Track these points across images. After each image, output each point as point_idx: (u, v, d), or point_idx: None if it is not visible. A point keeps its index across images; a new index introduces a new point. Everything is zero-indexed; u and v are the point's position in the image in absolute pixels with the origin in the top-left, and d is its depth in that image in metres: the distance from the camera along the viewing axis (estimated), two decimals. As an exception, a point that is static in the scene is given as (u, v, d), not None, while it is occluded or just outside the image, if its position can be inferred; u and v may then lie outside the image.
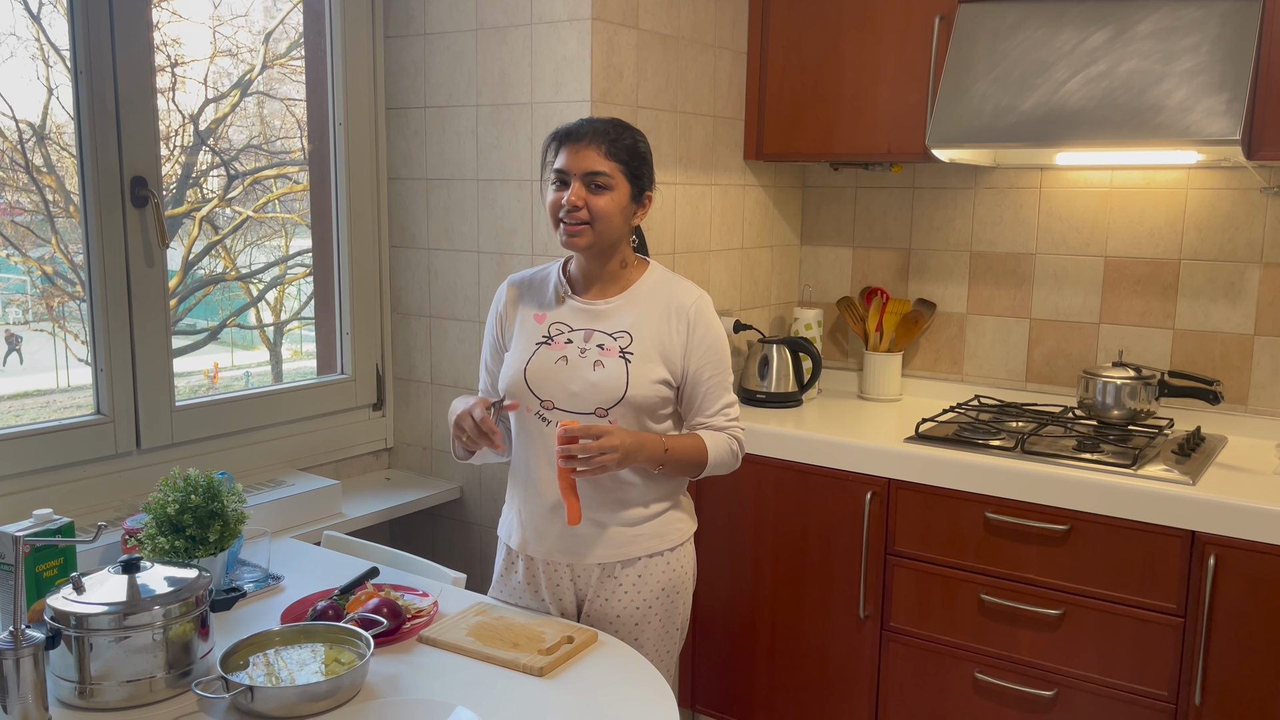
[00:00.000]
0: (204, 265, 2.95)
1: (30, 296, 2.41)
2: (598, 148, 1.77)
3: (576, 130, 1.78)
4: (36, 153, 2.26)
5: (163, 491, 1.82)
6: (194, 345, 2.95)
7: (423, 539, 2.81)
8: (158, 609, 1.51)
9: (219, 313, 3.07)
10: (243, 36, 2.79)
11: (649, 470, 1.83)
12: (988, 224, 2.90)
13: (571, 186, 1.76)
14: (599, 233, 1.78)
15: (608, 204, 1.77)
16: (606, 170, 1.77)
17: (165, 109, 2.71)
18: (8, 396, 2.30)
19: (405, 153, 2.68)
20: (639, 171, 1.82)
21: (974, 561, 2.34)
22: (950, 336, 3.00)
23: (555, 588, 1.89)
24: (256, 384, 3.01)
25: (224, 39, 2.78)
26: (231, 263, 3.04)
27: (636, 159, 1.81)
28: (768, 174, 3.02)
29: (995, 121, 2.39)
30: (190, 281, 2.93)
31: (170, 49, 2.73)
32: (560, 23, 2.35)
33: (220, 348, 3.02)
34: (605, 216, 1.78)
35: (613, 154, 1.78)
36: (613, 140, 1.78)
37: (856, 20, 2.68)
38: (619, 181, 1.78)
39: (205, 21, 2.72)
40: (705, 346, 1.85)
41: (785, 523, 2.60)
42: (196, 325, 3.02)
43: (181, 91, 2.76)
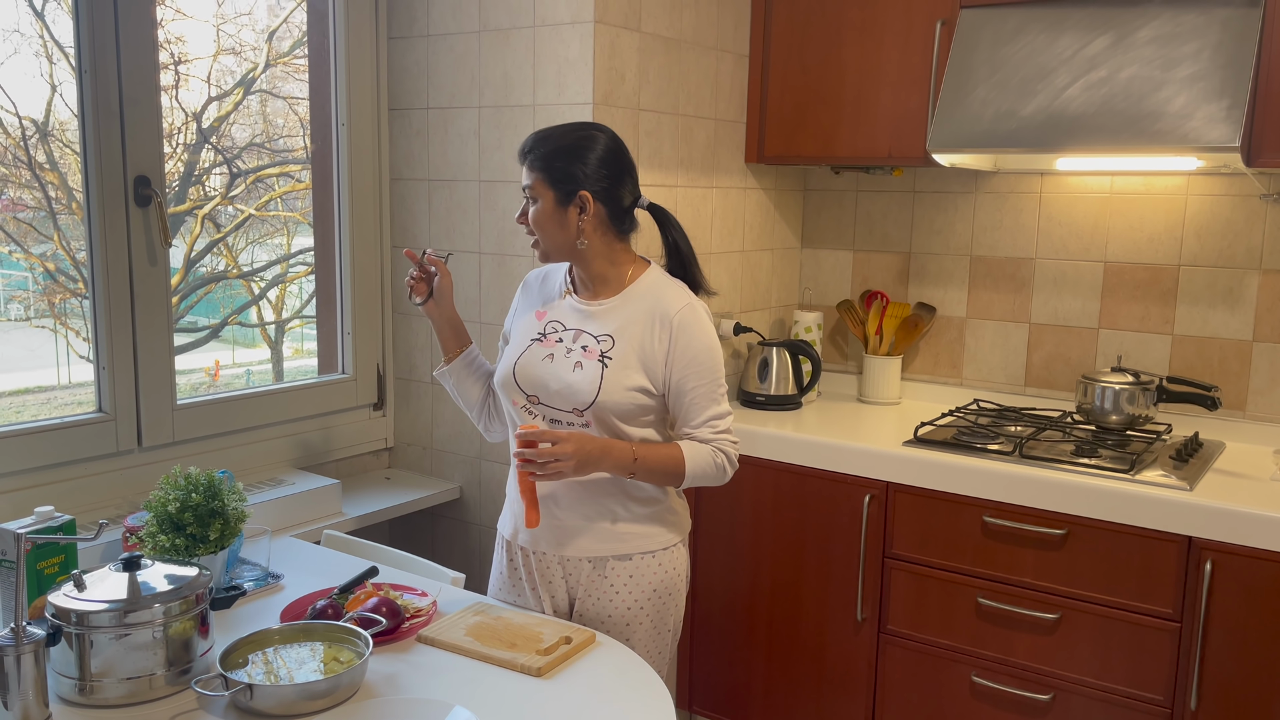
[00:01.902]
0: (206, 263, 2.96)
1: (32, 293, 2.42)
2: (529, 164, 1.82)
3: (522, 147, 1.85)
4: (39, 149, 2.27)
5: (164, 490, 1.83)
6: (195, 343, 2.95)
7: (422, 539, 2.81)
8: (158, 607, 1.52)
9: (220, 310, 3.08)
10: (246, 35, 2.80)
11: None
12: (988, 228, 2.91)
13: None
14: (543, 242, 1.84)
15: (536, 215, 1.83)
16: (530, 183, 1.82)
17: (169, 107, 2.72)
18: (8, 393, 2.31)
19: (408, 153, 2.69)
20: (560, 176, 1.79)
21: (971, 565, 2.35)
22: (950, 340, 3.00)
23: (548, 584, 1.90)
24: (257, 382, 3.01)
25: (227, 37, 2.79)
26: (233, 260, 3.05)
27: (556, 164, 1.78)
28: (769, 177, 3.02)
29: (996, 127, 2.39)
30: (192, 279, 2.94)
31: (174, 47, 2.74)
32: (563, 25, 2.35)
33: (222, 345, 3.03)
34: (537, 226, 1.83)
35: (534, 165, 1.81)
36: (529, 151, 1.82)
37: (858, 24, 2.69)
38: (540, 191, 1.81)
39: (209, 19, 2.72)
40: (688, 357, 1.82)
41: (784, 525, 2.61)
42: (198, 323, 3.02)
43: (185, 89, 2.77)
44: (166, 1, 2.67)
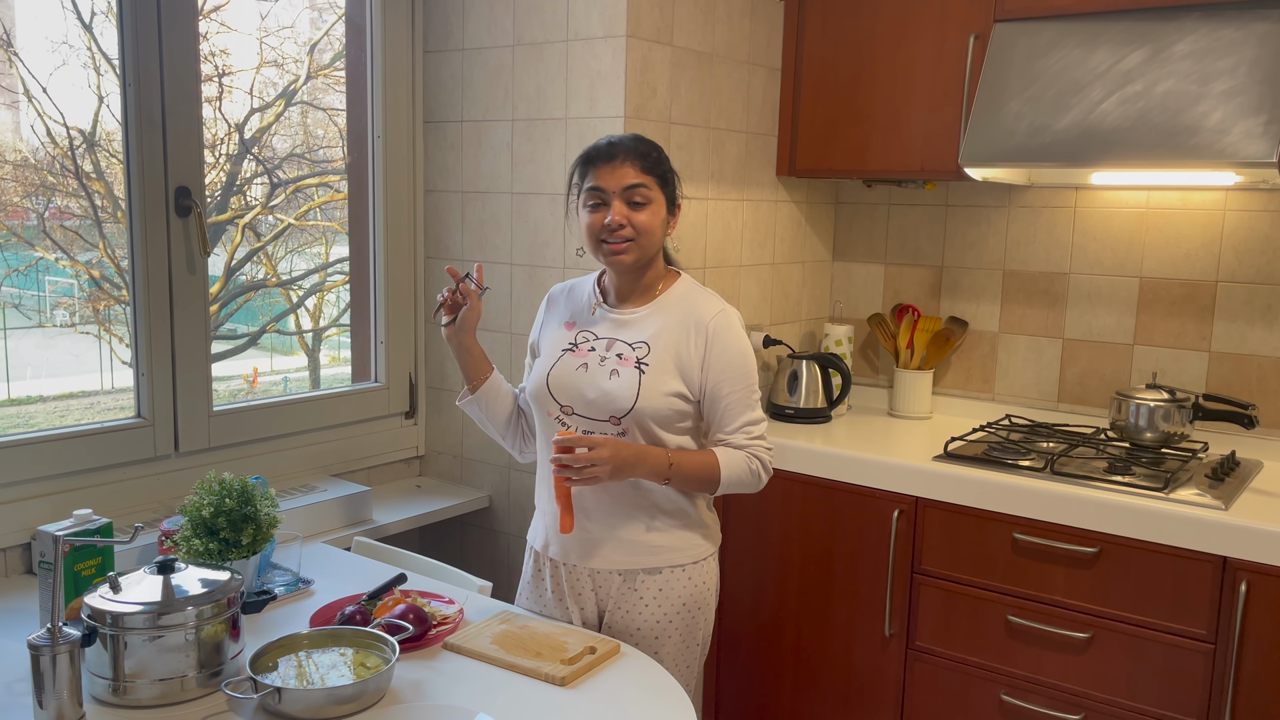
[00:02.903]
0: (246, 271, 3.01)
1: (78, 299, 2.47)
2: (634, 163, 1.79)
3: (608, 150, 1.81)
4: (86, 159, 2.33)
5: (198, 495, 1.86)
6: (235, 350, 2.99)
7: (452, 546, 2.84)
8: (190, 610, 1.55)
9: (259, 318, 3.13)
10: (288, 47, 2.85)
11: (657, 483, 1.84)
12: (1021, 242, 2.89)
13: (612, 205, 1.78)
14: (643, 247, 1.81)
15: (649, 218, 1.80)
16: (645, 183, 1.79)
17: (212, 118, 2.78)
18: (54, 397, 2.36)
19: (442, 165, 2.72)
20: (671, 183, 1.86)
21: (1001, 582, 2.33)
22: (982, 355, 2.98)
23: (577, 596, 1.91)
24: (295, 389, 3.06)
25: (270, 50, 2.84)
26: (273, 269, 3.10)
27: (665, 169, 1.85)
28: (800, 190, 3.03)
29: (1029, 141, 2.38)
30: (232, 287, 2.99)
31: (218, 59, 2.80)
32: (595, 39, 2.38)
33: (260, 353, 3.07)
34: (648, 231, 1.80)
35: (647, 168, 1.81)
36: (644, 154, 1.81)
37: (891, 38, 2.69)
38: (656, 195, 1.82)
39: (252, 33, 2.78)
40: (724, 362, 1.84)
41: (812, 539, 2.60)
42: (238, 330, 3.07)
43: (228, 100, 2.82)
44: (211, 15, 2.73)
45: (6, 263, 2.32)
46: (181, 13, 2.20)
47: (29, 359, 2.37)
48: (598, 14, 2.36)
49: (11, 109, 2.32)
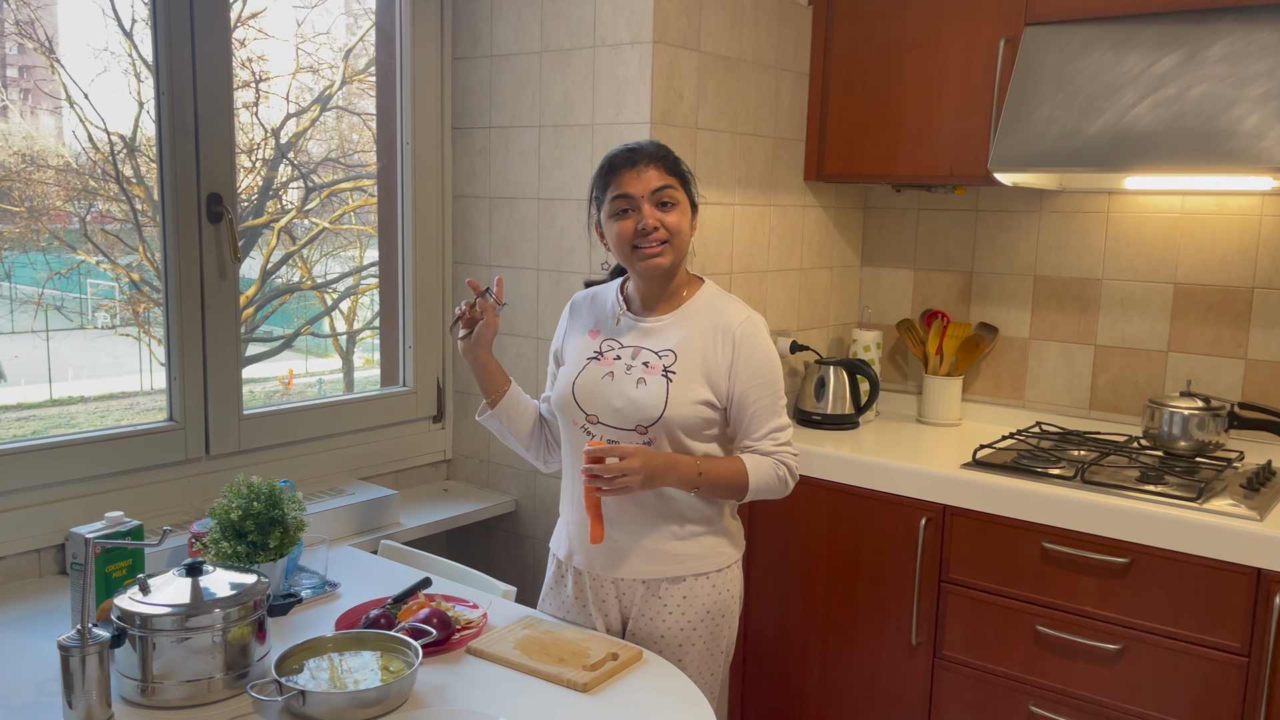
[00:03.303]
0: (281, 274, 3.05)
1: (118, 302, 2.51)
2: (659, 166, 1.80)
3: (630, 156, 1.81)
4: (127, 164, 2.36)
5: (227, 498, 1.88)
6: (270, 352, 3.04)
7: (478, 550, 2.85)
8: (217, 612, 1.57)
9: (294, 321, 3.17)
10: (324, 53, 2.89)
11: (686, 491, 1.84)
12: (1052, 248, 2.86)
13: (643, 209, 1.79)
14: (677, 249, 1.82)
15: (679, 219, 1.81)
16: (671, 184, 1.80)
17: (249, 123, 2.82)
18: (95, 398, 2.40)
19: (470, 171, 2.74)
20: (690, 186, 1.87)
21: (1030, 592, 2.30)
22: (1012, 361, 2.95)
23: (601, 603, 1.91)
24: (329, 391, 3.10)
25: (306, 56, 2.87)
26: (308, 272, 3.14)
27: (687, 173, 1.86)
28: (828, 195, 3.01)
29: (1060, 145, 2.36)
30: (268, 290, 3.03)
31: (255, 65, 2.84)
32: (622, 45, 2.38)
33: (295, 355, 3.11)
34: (680, 231, 1.81)
35: (670, 170, 1.81)
36: (664, 158, 1.83)
37: (920, 42, 2.67)
38: (682, 196, 1.82)
39: (289, 39, 2.82)
40: (751, 369, 1.84)
41: (838, 546, 2.59)
42: (273, 333, 3.11)
43: (265, 106, 2.87)
44: (249, 22, 2.77)
45: (49, 265, 2.37)
46: (214, 21, 2.23)
47: (70, 360, 2.41)
48: (624, 20, 2.37)
49: (55, 115, 2.36)
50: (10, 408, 2.34)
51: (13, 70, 2.36)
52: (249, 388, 2.95)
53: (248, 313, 2.96)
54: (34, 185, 2.30)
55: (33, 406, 2.38)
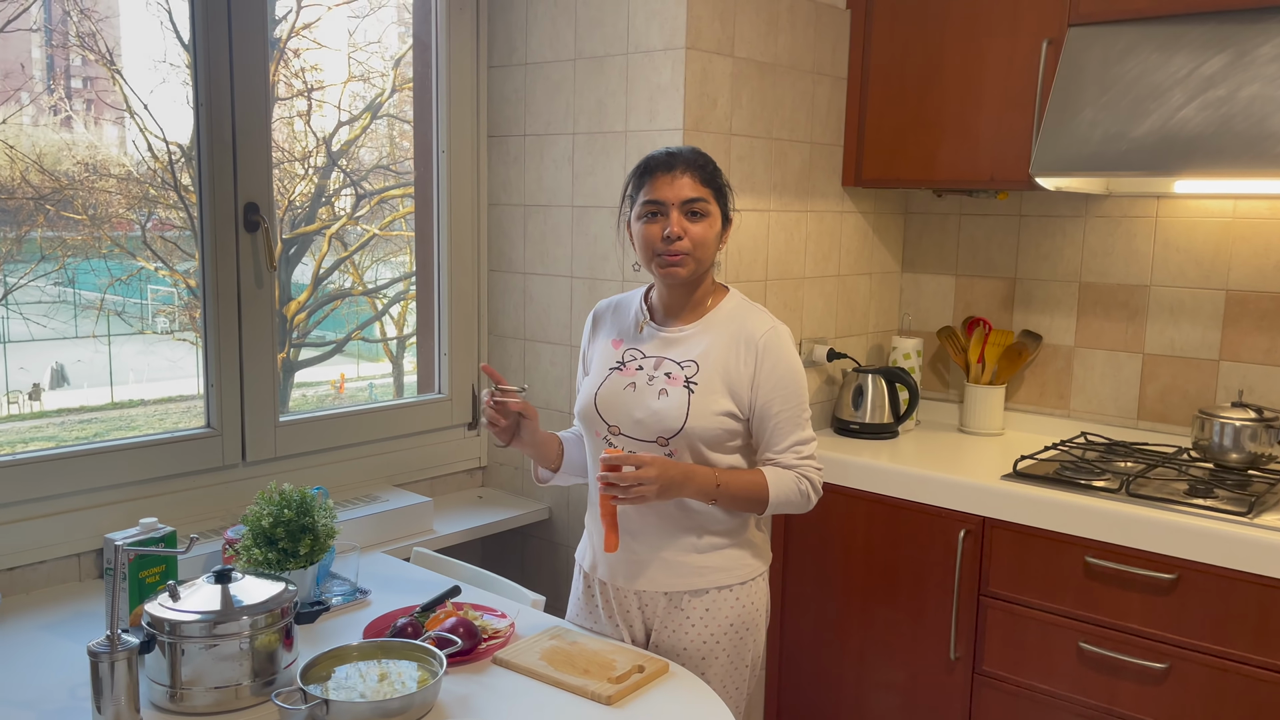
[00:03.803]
0: (333, 280, 3.09)
1: (176, 308, 2.56)
2: (692, 175, 1.78)
3: (667, 161, 1.79)
4: (185, 172, 2.40)
5: (259, 505, 1.90)
6: (321, 357, 3.10)
7: (513, 557, 2.85)
8: (245, 619, 1.58)
9: (346, 326, 3.22)
10: (375, 62, 2.93)
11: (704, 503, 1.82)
12: (1099, 254, 2.79)
13: (671, 216, 1.77)
14: (698, 260, 1.79)
15: (705, 231, 1.79)
16: (703, 197, 1.78)
17: (302, 131, 2.87)
18: (154, 401, 2.46)
19: (505, 179, 2.74)
20: (726, 197, 1.84)
21: (1072, 607, 2.24)
22: (1057, 370, 2.88)
23: (625, 614, 1.89)
24: (379, 395, 3.14)
25: (357, 65, 2.92)
26: (359, 278, 3.18)
27: (721, 183, 1.84)
28: (867, 200, 2.97)
29: (1104, 149, 2.30)
30: (320, 295, 3.08)
31: (309, 75, 2.89)
32: (655, 52, 2.37)
33: (346, 359, 3.16)
34: (704, 244, 1.79)
35: (705, 181, 1.79)
36: (702, 167, 1.80)
37: (961, 45, 2.62)
38: (713, 208, 1.80)
39: (342, 49, 2.87)
40: (774, 380, 1.81)
41: (875, 558, 2.54)
42: (325, 337, 3.16)
43: (319, 114, 2.92)
44: (303, 33, 2.82)
45: (110, 272, 2.42)
46: (251, 34, 2.26)
47: (131, 364, 2.47)
48: (657, 27, 2.36)
49: (117, 125, 2.42)
50: (73, 410, 2.41)
51: (77, 81, 2.42)
52: (301, 391, 3.06)
53: (300, 318, 3.03)
54: (96, 194, 2.35)
55: (94, 409, 2.45)
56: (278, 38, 2.84)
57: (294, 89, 2.93)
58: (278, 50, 2.84)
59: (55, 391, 2.44)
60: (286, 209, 2.90)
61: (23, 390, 2.37)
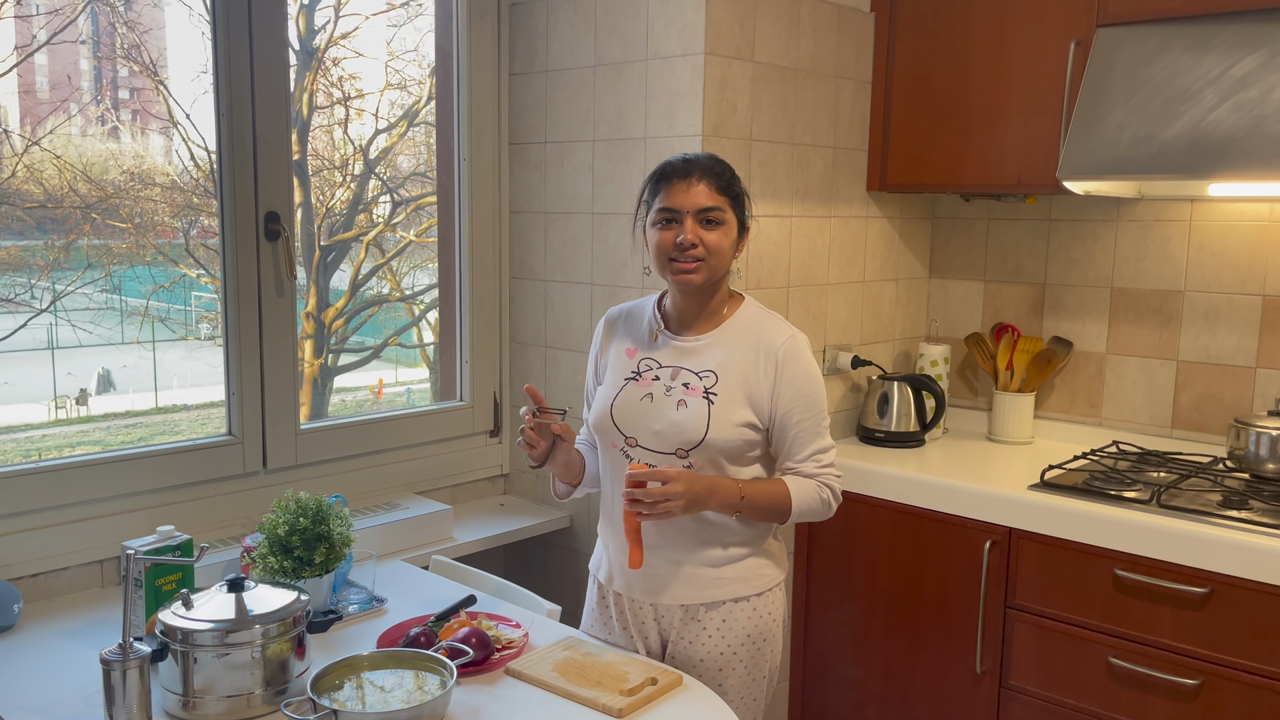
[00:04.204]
0: (371, 286, 3.12)
1: (219, 314, 2.59)
2: (708, 183, 1.76)
3: (684, 168, 1.77)
4: (226, 180, 2.42)
5: (275, 513, 1.91)
6: (359, 362, 3.13)
7: (534, 565, 2.84)
8: (257, 628, 1.58)
9: (384, 331, 3.24)
10: (412, 70, 2.95)
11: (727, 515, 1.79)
12: (1131, 259, 2.73)
13: (685, 224, 1.75)
14: (713, 268, 1.77)
15: (720, 239, 1.76)
16: (719, 205, 1.76)
17: (340, 139, 2.91)
18: (196, 406, 2.49)
19: (526, 186, 2.74)
20: (743, 205, 1.82)
21: (1101, 621, 2.19)
22: (1088, 377, 2.82)
23: (640, 625, 1.87)
24: (417, 400, 3.16)
25: (394, 73, 2.95)
26: (396, 284, 3.20)
27: (738, 190, 1.81)
28: (893, 205, 2.93)
29: (1133, 152, 2.24)
30: (358, 301, 3.10)
31: (348, 84, 2.93)
32: (674, 58, 2.35)
33: (385, 365, 3.19)
34: (719, 252, 1.76)
35: (721, 189, 1.77)
36: (718, 175, 1.78)
37: (987, 47, 2.58)
38: (729, 217, 1.78)
39: (379, 57, 2.90)
40: (794, 389, 1.79)
41: (900, 568, 2.50)
42: (364, 343, 3.19)
43: (358, 122, 2.95)
44: (341, 42, 2.87)
45: (154, 279, 2.47)
46: (271, 44, 2.27)
47: (174, 370, 2.51)
48: (676, 32, 2.34)
49: (163, 135, 2.46)
50: (119, 415, 2.46)
51: (124, 92, 2.47)
52: (340, 396, 3.11)
53: (338, 324, 3.07)
54: (141, 202, 2.38)
55: (140, 414, 2.50)
56: (316, 47, 2.89)
57: (333, 98, 2.97)
58: (315, 60, 2.90)
59: (102, 396, 2.48)
60: (324, 216, 2.93)
61: (71, 395, 2.42)
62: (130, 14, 2.37)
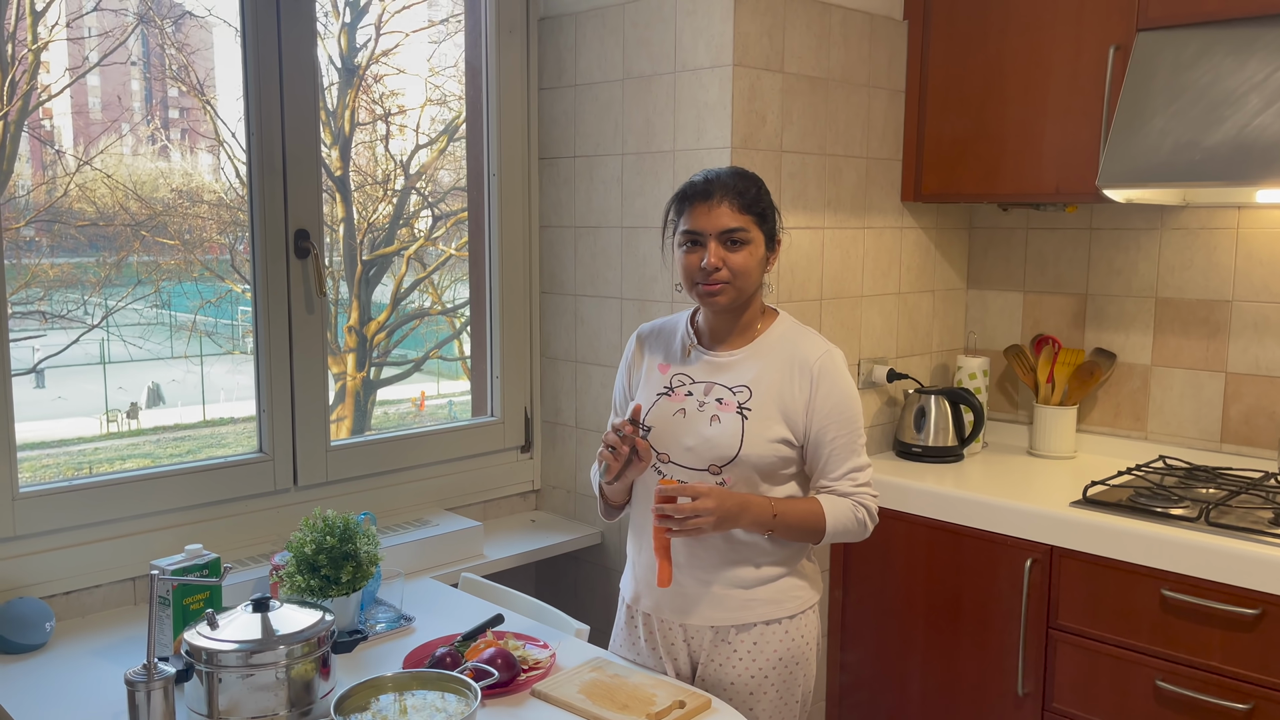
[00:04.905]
0: (413, 299, 3.15)
1: (251, 331, 2.62)
2: (730, 204, 1.72)
3: (705, 189, 1.74)
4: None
5: (303, 532, 1.90)
6: (401, 375, 3.16)
7: (565, 582, 2.82)
8: (281, 649, 1.57)
9: (425, 344, 3.27)
10: (451, 85, 2.97)
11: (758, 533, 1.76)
12: (1176, 268, 2.65)
13: (709, 247, 1.72)
14: (739, 289, 1.74)
15: (746, 260, 1.73)
16: (743, 225, 1.72)
17: (382, 155, 2.95)
18: (243, 419, 2.51)
19: (556, 201, 2.73)
20: (770, 219, 1.78)
21: (1148, 643, 2.12)
22: (1132, 390, 2.75)
23: (670, 647, 1.84)
24: (458, 412, 3.17)
25: (434, 89, 2.98)
26: (437, 297, 3.21)
27: (767, 208, 1.77)
28: (928, 215, 2.88)
29: (1175, 158, 2.18)
30: (400, 314, 3.11)
31: (389, 101, 2.98)
32: (702, 70, 2.33)
33: (427, 377, 3.22)
34: (745, 272, 1.73)
35: (745, 207, 1.73)
36: (741, 193, 1.73)
37: (1023, 53, 2.53)
38: (754, 235, 1.74)
39: (419, 73, 2.93)
40: (830, 405, 1.75)
41: (938, 587, 2.45)
42: (406, 356, 3.22)
43: (400, 138, 2.99)
44: (383, 60, 2.92)
45: (200, 294, 2.51)
46: (300, 62, 2.29)
47: (221, 384, 2.54)
48: (704, 44, 2.32)
49: (210, 153, 2.51)
50: (168, 428, 2.50)
51: (174, 112, 2.51)
52: (383, 409, 3.14)
53: (380, 337, 3.11)
54: (189, 219, 2.42)
55: (187, 427, 2.55)
56: (358, 65, 2.93)
57: (374, 114, 3.01)
58: (357, 77, 2.94)
59: (151, 410, 2.52)
60: (366, 231, 2.96)
61: (121, 409, 2.47)
62: (179, 35, 2.42)
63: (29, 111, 2.18)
